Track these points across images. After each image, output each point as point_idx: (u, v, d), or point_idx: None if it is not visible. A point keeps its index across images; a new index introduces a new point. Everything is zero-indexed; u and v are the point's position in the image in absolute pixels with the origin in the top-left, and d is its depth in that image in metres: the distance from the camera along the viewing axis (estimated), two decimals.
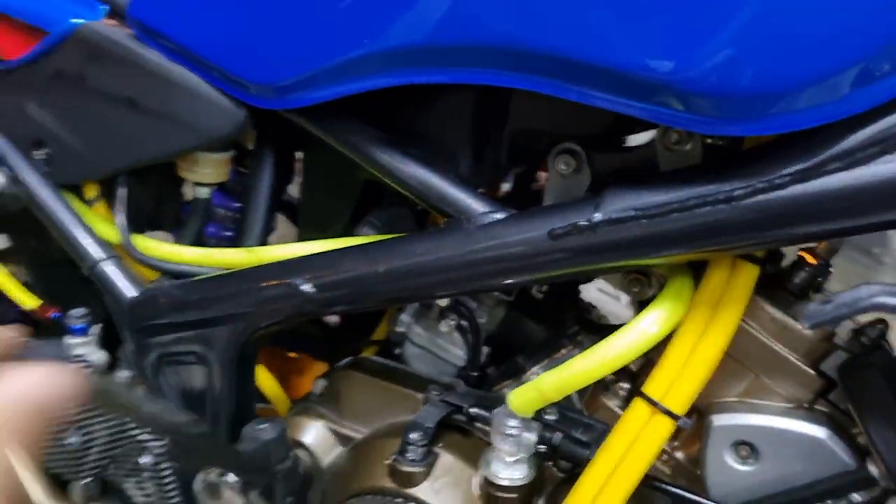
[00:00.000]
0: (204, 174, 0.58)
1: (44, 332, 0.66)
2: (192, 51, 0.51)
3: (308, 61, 0.45)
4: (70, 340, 0.61)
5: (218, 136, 0.52)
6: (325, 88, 0.45)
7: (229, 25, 0.49)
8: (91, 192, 0.63)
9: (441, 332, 0.54)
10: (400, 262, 0.44)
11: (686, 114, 0.34)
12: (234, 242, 0.62)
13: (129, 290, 0.57)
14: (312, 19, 0.45)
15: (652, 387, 0.42)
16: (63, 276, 0.72)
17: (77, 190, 0.62)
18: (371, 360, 0.56)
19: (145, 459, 0.58)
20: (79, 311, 0.61)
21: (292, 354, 0.73)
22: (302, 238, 0.58)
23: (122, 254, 0.59)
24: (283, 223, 0.69)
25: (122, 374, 0.61)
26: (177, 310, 0.54)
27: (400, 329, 0.56)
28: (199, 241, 0.61)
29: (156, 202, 0.68)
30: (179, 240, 0.61)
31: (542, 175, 0.61)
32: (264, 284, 0.49)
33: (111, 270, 0.57)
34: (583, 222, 0.38)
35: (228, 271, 0.54)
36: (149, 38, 0.52)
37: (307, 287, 0.46)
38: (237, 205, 0.65)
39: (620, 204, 0.37)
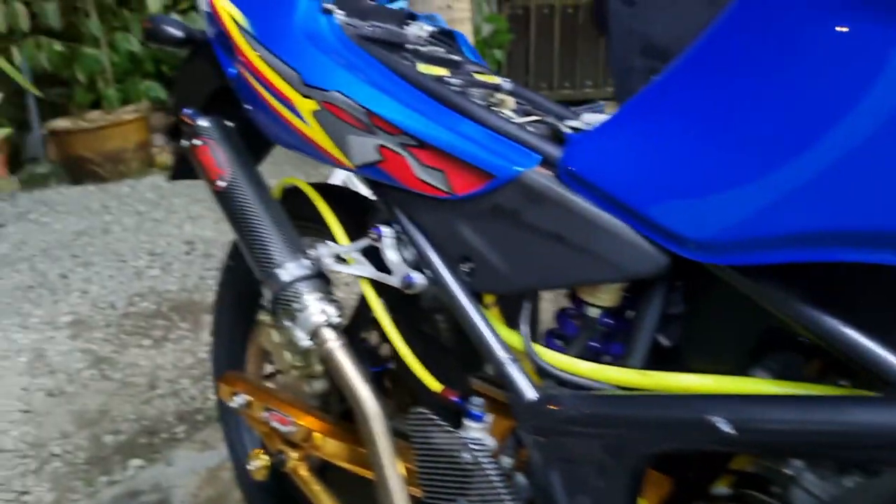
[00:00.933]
0: (602, 298, 0.67)
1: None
2: (620, 199, 0.59)
3: (746, 228, 0.51)
4: (468, 423, 0.72)
5: (637, 276, 0.59)
6: (758, 255, 0.50)
7: (663, 184, 0.57)
8: (489, 299, 0.76)
9: (842, 486, 0.54)
10: (836, 421, 0.46)
11: None
12: (596, 356, 0.70)
13: (529, 392, 0.66)
14: (758, 190, 0.51)
15: None
16: (445, 362, 0.86)
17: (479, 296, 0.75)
18: (758, 497, 0.58)
19: None
20: (478, 400, 0.72)
21: None
22: (688, 368, 0.63)
23: (520, 357, 0.69)
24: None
25: (506, 461, 0.71)
26: (576, 419, 0.61)
27: (788, 472, 0.57)
28: (582, 354, 0.70)
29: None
30: (568, 351, 0.70)
31: None
32: (673, 414, 0.55)
33: (514, 371, 0.68)
34: None
35: (628, 392, 0.61)
36: (577, 185, 0.63)
37: (726, 427, 0.50)
38: (610, 321, 0.72)
39: None
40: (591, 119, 0.73)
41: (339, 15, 0.86)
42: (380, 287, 0.84)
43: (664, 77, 0.58)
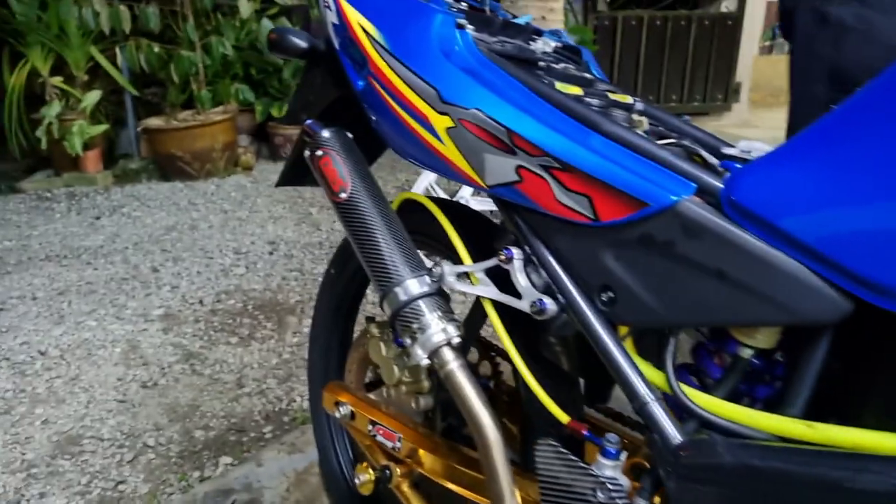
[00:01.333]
0: (759, 339, 0.63)
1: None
2: (795, 236, 0.55)
3: None
4: (602, 460, 0.69)
5: (813, 321, 0.55)
6: None
7: (850, 223, 0.52)
8: (623, 330, 0.72)
9: None
10: None
11: None
12: (736, 397, 0.66)
13: (675, 435, 0.63)
14: None
15: None
16: (567, 391, 0.84)
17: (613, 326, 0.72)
18: None
19: None
20: (614, 437, 0.69)
21: None
22: (859, 422, 0.58)
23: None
24: None
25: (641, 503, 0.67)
26: (735, 468, 0.57)
27: None
28: (730, 396, 0.66)
29: None
30: (713, 392, 0.66)
31: None
32: (856, 475, 0.50)
33: (658, 412, 0.64)
34: None
35: (796, 445, 0.56)
36: (743, 218, 0.59)
37: None
38: (760, 362, 0.68)
39: None
40: (749, 147, 0.69)
41: (470, 30, 0.85)
42: (500, 309, 0.82)
43: (854, 101, 0.54)
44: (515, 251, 0.77)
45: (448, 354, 0.81)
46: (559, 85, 0.80)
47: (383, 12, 0.89)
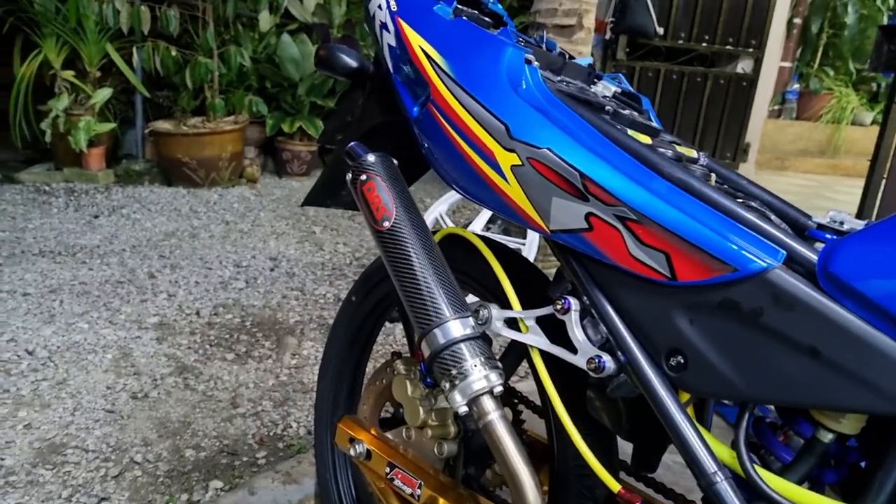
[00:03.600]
0: (844, 425, 0.59)
1: None
2: None
3: None
4: None
5: None
6: None
7: None
8: (685, 396, 0.68)
9: None
10: None
11: None
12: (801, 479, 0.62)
13: None
14: None
15: None
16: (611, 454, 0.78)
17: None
18: None
19: None
20: None
21: None
22: None
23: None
24: None
25: None
26: None
27: None
28: (802, 481, 0.61)
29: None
30: (786, 475, 0.61)
31: None
32: None
33: (729, 493, 0.59)
34: None
35: None
36: (841, 294, 0.55)
37: None
38: (836, 447, 0.63)
39: None
40: (839, 217, 0.66)
41: (537, 66, 0.82)
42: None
43: None
44: (574, 302, 0.73)
45: (489, 404, 0.76)
46: (631, 132, 0.76)
47: (448, 39, 0.85)
